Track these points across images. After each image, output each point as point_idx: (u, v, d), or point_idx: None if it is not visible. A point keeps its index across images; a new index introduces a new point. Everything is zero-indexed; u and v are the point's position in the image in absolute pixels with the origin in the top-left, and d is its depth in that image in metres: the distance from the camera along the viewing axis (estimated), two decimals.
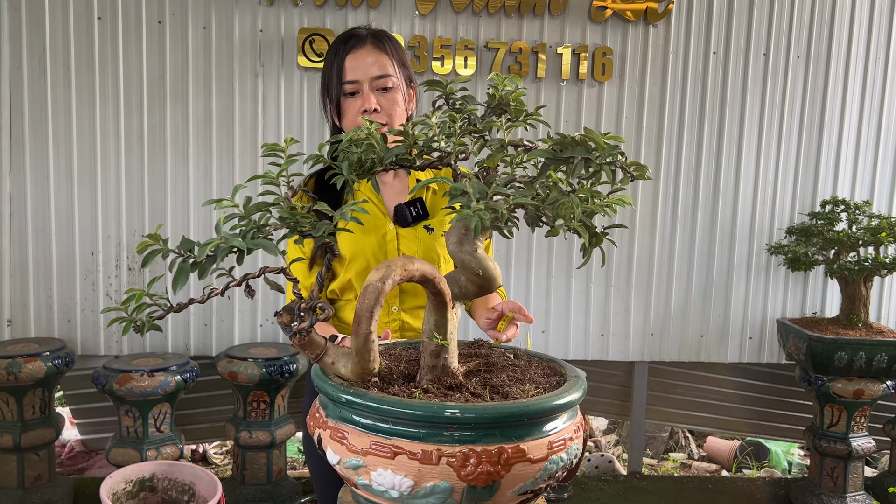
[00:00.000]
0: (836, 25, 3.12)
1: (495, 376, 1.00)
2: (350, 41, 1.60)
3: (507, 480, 0.85)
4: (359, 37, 1.61)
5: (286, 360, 2.79)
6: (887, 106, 3.19)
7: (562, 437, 0.90)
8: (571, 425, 0.93)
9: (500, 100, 1.03)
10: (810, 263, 2.93)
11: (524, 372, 1.03)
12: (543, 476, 0.87)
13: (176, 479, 1.90)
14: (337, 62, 1.60)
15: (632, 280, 3.18)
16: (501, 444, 0.84)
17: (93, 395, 3.01)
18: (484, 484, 0.84)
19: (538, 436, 0.87)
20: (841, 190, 3.21)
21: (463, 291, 1.01)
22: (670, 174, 3.14)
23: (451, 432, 0.84)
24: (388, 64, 1.59)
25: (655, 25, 3.05)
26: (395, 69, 1.60)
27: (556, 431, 0.90)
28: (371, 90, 1.58)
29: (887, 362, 2.77)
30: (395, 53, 1.62)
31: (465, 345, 1.16)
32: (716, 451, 4.08)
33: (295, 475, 3.34)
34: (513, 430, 0.86)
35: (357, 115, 1.58)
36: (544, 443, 0.87)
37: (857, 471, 2.98)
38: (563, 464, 0.90)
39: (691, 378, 3.46)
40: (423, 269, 0.94)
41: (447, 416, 0.84)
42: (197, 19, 2.86)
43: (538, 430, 0.88)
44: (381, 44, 1.60)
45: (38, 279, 2.88)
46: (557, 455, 0.88)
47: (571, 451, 0.91)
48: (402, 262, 0.92)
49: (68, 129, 2.84)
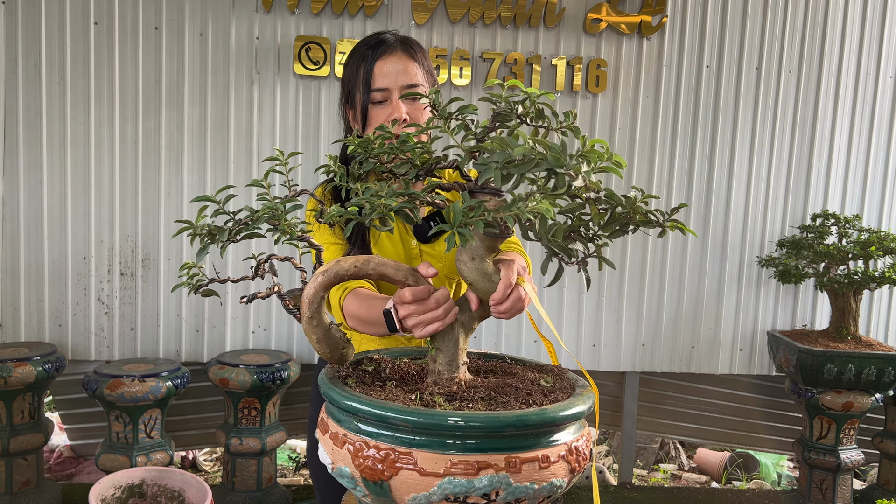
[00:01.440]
0: (828, 41, 3.16)
1: (496, 388, 0.99)
2: (380, 47, 1.52)
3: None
4: (388, 43, 1.53)
5: (278, 367, 2.78)
6: (877, 121, 3.22)
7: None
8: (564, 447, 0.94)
9: (512, 107, 0.98)
10: (801, 276, 2.95)
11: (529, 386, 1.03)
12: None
13: (165, 486, 1.89)
14: (365, 68, 1.52)
15: (623, 291, 3.20)
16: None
17: (83, 400, 3.00)
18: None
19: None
20: (831, 203, 3.24)
21: (478, 316, 1.02)
22: (663, 186, 3.16)
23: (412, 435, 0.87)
24: (418, 72, 1.53)
25: (649, 38, 3.07)
26: (424, 78, 1.55)
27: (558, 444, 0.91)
28: (400, 98, 1.50)
29: (876, 375, 2.79)
30: (424, 62, 1.55)
31: (479, 356, 1.16)
32: (706, 462, 4.09)
33: (285, 483, 3.32)
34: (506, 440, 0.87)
35: (382, 123, 1.56)
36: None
37: (845, 483, 2.99)
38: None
39: (682, 389, 3.48)
40: (383, 270, 0.96)
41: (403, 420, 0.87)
42: (193, 26, 2.87)
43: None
44: (412, 51, 1.54)
45: (29, 283, 2.87)
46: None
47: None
48: (356, 260, 0.95)
49: (62, 133, 2.84)
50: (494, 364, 1.14)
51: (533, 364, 1.14)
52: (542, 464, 0.88)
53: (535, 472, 0.87)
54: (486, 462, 0.85)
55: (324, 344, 1.00)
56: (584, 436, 0.95)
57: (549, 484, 0.89)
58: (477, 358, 1.16)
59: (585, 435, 0.95)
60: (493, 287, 0.99)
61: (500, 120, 0.99)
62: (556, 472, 0.89)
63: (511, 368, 1.11)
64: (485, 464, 0.85)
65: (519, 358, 1.16)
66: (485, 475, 0.85)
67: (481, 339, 3.15)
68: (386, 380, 1.03)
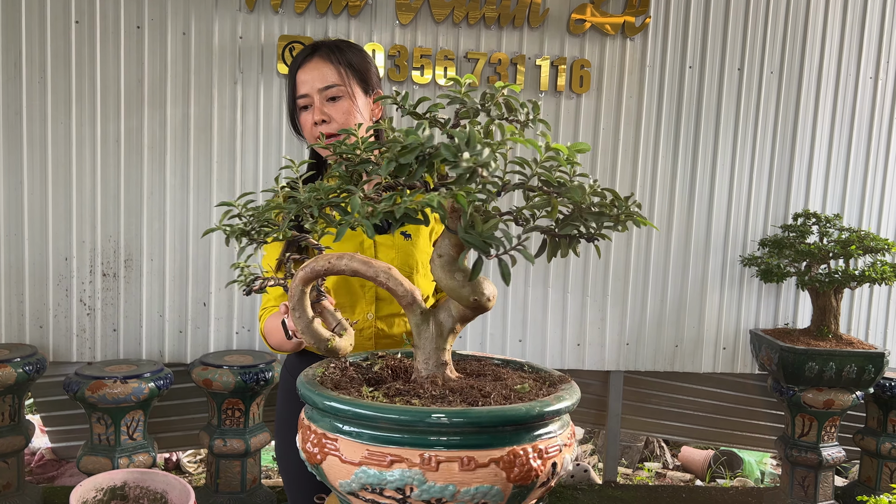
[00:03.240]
0: (809, 42, 3.19)
1: (478, 385, 0.99)
2: (302, 55, 1.61)
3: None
4: (311, 49, 1.60)
5: (261, 368, 2.77)
6: (857, 121, 3.26)
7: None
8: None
9: (472, 102, 0.99)
10: (782, 275, 2.98)
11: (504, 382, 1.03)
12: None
13: (148, 488, 1.87)
14: (290, 77, 1.61)
15: (608, 290, 3.21)
16: None
17: (64, 402, 2.97)
18: None
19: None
20: (812, 203, 3.27)
21: (458, 317, 1.00)
22: (646, 186, 3.18)
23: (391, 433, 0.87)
24: (335, 73, 1.57)
25: (633, 39, 3.09)
26: (345, 78, 1.57)
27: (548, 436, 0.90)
28: (321, 102, 1.57)
29: (856, 373, 2.82)
30: (344, 62, 1.58)
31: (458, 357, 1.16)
32: (690, 460, 4.12)
33: (269, 484, 3.31)
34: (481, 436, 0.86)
35: (311, 128, 1.58)
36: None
37: (827, 480, 3.02)
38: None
39: (666, 388, 3.50)
40: (354, 266, 0.98)
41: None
42: (176, 25, 2.85)
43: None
44: (329, 54, 1.58)
45: (9, 284, 2.84)
46: None
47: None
48: (329, 256, 0.99)
49: (43, 132, 2.81)
50: (500, 370, 1.12)
51: (541, 371, 1.10)
52: (464, 466, 0.84)
53: (454, 473, 0.84)
54: (400, 456, 0.84)
55: (307, 335, 1.07)
56: (538, 446, 0.88)
57: (476, 489, 0.84)
58: (494, 363, 1.15)
59: (542, 445, 0.89)
60: (458, 286, 0.96)
61: (466, 116, 0.99)
62: (484, 477, 0.84)
63: (501, 372, 1.10)
64: (398, 457, 0.84)
65: (535, 365, 1.12)
66: (397, 469, 0.84)
67: (466, 340, 3.15)
68: (376, 377, 1.05)
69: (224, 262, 2.94)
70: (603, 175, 3.14)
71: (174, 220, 2.91)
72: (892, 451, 3.07)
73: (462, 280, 0.95)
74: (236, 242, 1.10)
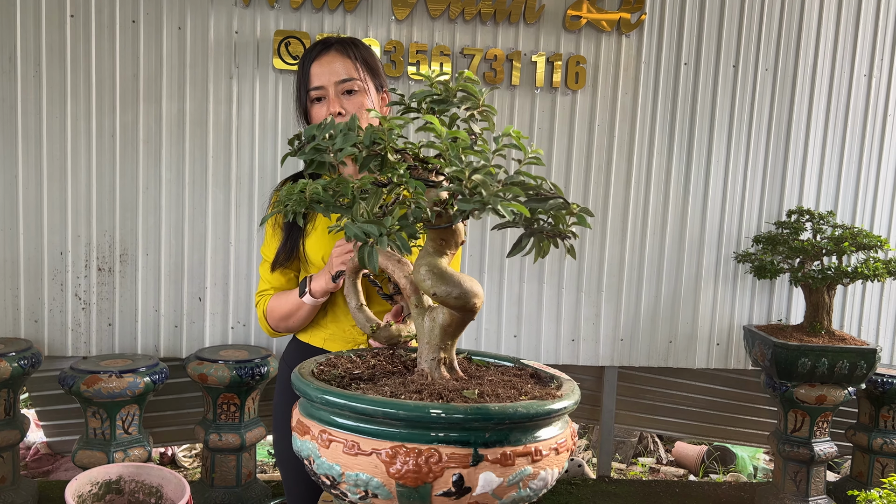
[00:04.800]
0: (804, 39, 3.20)
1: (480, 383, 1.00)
2: (315, 49, 1.64)
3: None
4: (324, 44, 1.65)
5: (257, 363, 2.78)
6: (851, 119, 3.27)
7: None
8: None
9: (438, 92, 1.03)
10: (776, 271, 3.00)
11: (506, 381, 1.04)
12: None
13: (143, 482, 1.88)
14: (304, 70, 1.64)
15: (602, 286, 3.22)
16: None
17: (59, 396, 2.97)
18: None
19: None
20: (806, 200, 3.29)
21: (445, 321, 1.00)
22: (641, 182, 3.19)
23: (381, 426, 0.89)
24: (352, 68, 1.62)
25: (628, 36, 3.09)
26: (361, 73, 1.62)
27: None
28: (336, 95, 1.60)
29: (849, 369, 2.83)
30: (359, 58, 1.64)
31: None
32: (684, 455, 4.14)
33: (265, 478, 3.32)
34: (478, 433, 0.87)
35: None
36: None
37: (819, 475, 3.04)
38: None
39: (660, 383, 3.52)
40: (382, 264, 1.08)
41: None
42: (172, 19, 2.84)
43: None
44: (346, 49, 1.63)
45: (4, 278, 2.84)
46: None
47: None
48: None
49: (38, 127, 2.80)
50: (511, 373, 1.11)
51: (552, 377, 1.09)
52: (347, 448, 0.87)
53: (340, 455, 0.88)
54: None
55: (354, 316, 1.26)
56: (539, 446, 0.89)
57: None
58: (512, 367, 1.16)
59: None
60: (455, 289, 0.96)
61: (437, 106, 1.03)
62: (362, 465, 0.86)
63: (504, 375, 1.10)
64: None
65: (549, 373, 1.11)
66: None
67: (462, 337, 3.15)
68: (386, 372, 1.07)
69: (220, 257, 2.94)
70: (598, 171, 3.15)
71: (170, 214, 2.90)
72: (883, 446, 3.10)
73: (429, 277, 0.98)
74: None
